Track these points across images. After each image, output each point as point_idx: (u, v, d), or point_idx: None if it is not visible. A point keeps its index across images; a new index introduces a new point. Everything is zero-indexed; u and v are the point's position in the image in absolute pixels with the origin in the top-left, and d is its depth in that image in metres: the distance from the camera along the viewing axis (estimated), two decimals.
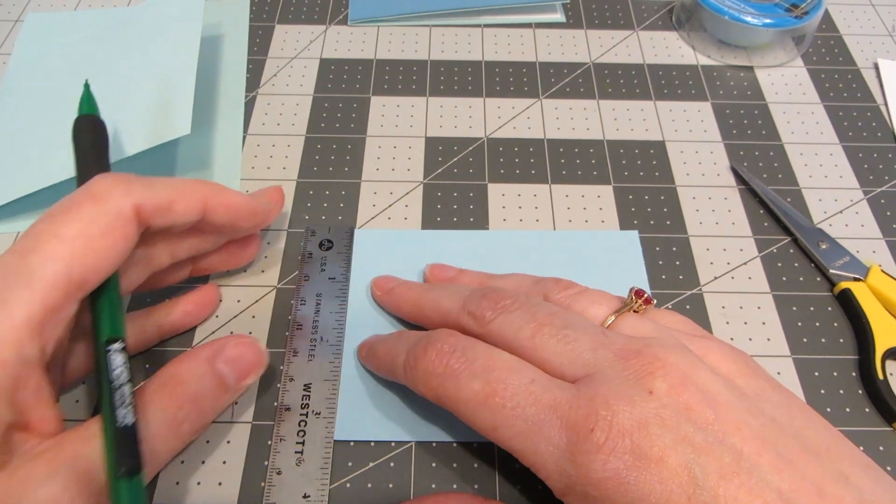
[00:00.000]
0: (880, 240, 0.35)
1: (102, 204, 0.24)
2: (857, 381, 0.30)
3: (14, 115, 0.38)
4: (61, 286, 0.22)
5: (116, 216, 0.24)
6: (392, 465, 0.28)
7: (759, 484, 0.19)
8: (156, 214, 0.25)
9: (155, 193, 0.25)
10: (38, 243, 0.22)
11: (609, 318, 0.25)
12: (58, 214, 0.23)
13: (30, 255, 0.22)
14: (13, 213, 0.35)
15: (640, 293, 0.26)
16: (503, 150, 0.39)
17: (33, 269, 0.22)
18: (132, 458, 0.22)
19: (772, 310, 0.33)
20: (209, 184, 0.27)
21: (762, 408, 0.22)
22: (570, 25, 0.46)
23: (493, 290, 0.27)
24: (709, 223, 0.36)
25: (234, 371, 0.26)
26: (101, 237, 0.23)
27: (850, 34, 0.46)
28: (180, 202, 0.26)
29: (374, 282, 0.32)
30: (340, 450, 0.28)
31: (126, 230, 0.24)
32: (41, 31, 0.44)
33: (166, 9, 0.41)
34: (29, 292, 0.22)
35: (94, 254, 0.23)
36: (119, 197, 0.24)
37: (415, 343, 0.26)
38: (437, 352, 0.24)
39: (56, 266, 0.22)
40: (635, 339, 0.23)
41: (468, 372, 0.23)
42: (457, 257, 0.33)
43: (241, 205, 0.28)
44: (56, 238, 0.22)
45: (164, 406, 0.24)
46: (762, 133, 0.40)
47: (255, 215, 0.29)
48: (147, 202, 0.25)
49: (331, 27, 0.46)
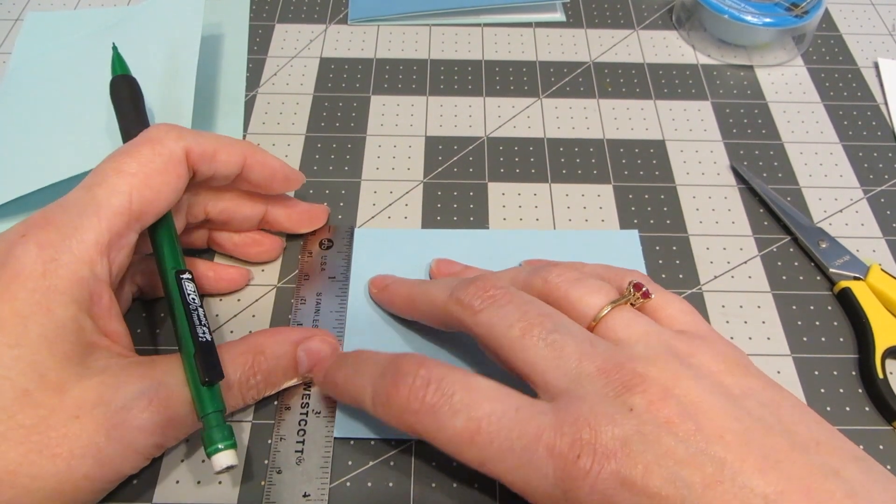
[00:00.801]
0: (880, 239, 0.35)
1: (158, 146, 0.27)
2: (856, 380, 0.31)
3: (14, 115, 0.38)
4: (124, 215, 0.25)
5: (170, 157, 0.27)
6: (392, 463, 0.28)
7: (743, 490, 0.19)
8: (202, 160, 0.28)
9: (203, 141, 0.28)
10: (103, 178, 0.25)
11: (604, 309, 0.25)
12: (120, 155, 0.26)
13: (96, 188, 0.25)
14: (13, 213, 0.35)
15: (638, 286, 0.25)
16: (503, 150, 0.39)
17: (99, 200, 0.25)
18: (213, 368, 0.25)
19: (772, 309, 0.33)
20: (249, 143, 0.30)
21: (749, 407, 0.22)
22: (570, 25, 0.46)
23: (482, 277, 0.27)
24: (709, 222, 0.36)
25: (310, 360, 0.28)
26: (157, 174, 0.26)
27: (850, 33, 0.46)
28: (223, 153, 0.28)
29: (370, 280, 0.32)
30: (340, 448, 0.28)
31: (178, 170, 0.27)
32: (41, 31, 0.44)
33: (166, 8, 0.41)
34: (97, 219, 0.25)
35: (151, 189, 0.26)
36: (173, 141, 0.27)
37: (380, 375, 0.24)
38: (409, 387, 0.23)
39: (120, 198, 0.25)
40: (619, 350, 0.23)
41: (448, 408, 0.23)
42: (457, 256, 0.33)
43: (277, 167, 0.31)
44: (119, 173, 0.26)
45: (243, 369, 0.27)
46: (762, 132, 0.40)
47: (289, 181, 0.31)
48: (195, 148, 0.27)
49: (331, 26, 0.46)
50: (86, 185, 0.26)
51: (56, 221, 0.24)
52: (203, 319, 0.26)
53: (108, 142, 0.35)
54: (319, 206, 0.35)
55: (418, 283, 0.30)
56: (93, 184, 0.26)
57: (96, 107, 0.36)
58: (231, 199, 0.31)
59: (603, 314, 0.25)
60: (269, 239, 0.33)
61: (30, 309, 0.23)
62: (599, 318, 0.25)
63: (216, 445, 0.24)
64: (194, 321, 0.26)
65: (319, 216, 0.34)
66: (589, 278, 0.26)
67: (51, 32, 0.44)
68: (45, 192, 0.33)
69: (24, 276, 0.23)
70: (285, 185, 0.32)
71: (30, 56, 0.42)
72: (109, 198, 0.25)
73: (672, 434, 0.21)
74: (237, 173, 0.29)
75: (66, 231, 0.24)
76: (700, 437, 0.21)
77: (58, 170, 0.33)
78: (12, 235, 0.24)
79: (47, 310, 0.23)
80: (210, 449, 0.24)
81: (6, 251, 0.24)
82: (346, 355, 0.28)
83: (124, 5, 0.47)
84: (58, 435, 0.22)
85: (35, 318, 0.23)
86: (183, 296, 0.26)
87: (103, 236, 0.24)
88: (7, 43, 0.44)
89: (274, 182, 0.31)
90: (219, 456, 0.24)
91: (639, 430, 0.21)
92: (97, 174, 0.26)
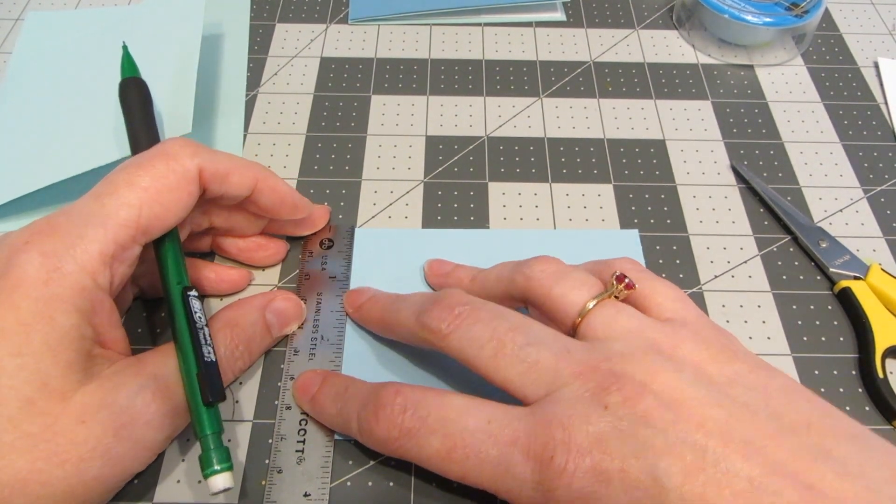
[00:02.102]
0: (880, 238, 0.35)
1: (173, 162, 0.26)
2: (857, 379, 0.31)
3: (14, 115, 0.38)
4: (130, 228, 0.25)
5: (183, 174, 0.26)
6: (392, 463, 0.28)
7: (727, 475, 0.19)
8: (214, 180, 0.28)
9: (217, 161, 0.28)
10: (114, 189, 0.25)
11: (589, 304, 0.24)
12: (133, 167, 0.26)
13: (106, 198, 0.25)
14: (13, 212, 0.35)
15: (620, 278, 0.25)
16: (503, 149, 0.39)
17: (108, 211, 0.25)
18: (217, 389, 0.25)
19: (772, 308, 0.33)
20: (262, 166, 0.30)
21: (734, 394, 0.22)
22: (571, 24, 0.46)
23: (445, 295, 0.26)
24: (709, 222, 0.36)
25: (279, 321, 0.30)
26: (168, 191, 0.26)
27: (851, 33, 0.46)
28: (236, 175, 0.28)
29: (345, 297, 0.32)
30: (341, 448, 0.28)
31: (190, 188, 0.27)
32: (41, 31, 0.44)
33: (167, 7, 0.41)
34: (103, 230, 0.24)
35: (161, 205, 0.26)
36: (188, 158, 0.27)
37: (362, 407, 0.25)
38: (387, 416, 0.24)
39: (128, 211, 0.25)
40: (597, 351, 0.23)
41: (425, 429, 0.23)
42: (457, 256, 0.33)
43: (287, 193, 0.31)
44: (130, 186, 0.25)
45: (225, 343, 0.28)
46: (762, 132, 0.40)
47: (297, 209, 0.31)
48: (209, 167, 0.27)
49: (331, 26, 0.46)
50: (95, 193, 0.26)
51: (61, 230, 0.24)
52: (208, 339, 0.26)
53: (108, 141, 0.35)
54: (321, 207, 0.35)
55: (390, 303, 0.29)
56: (102, 193, 0.25)
57: (96, 106, 0.36)
58: (237, 211, 0.31)
59: (588, 309, 0.24)
60: (274, 243, 0.33)
61: (32, 318, 0.23)
62: (584, 314, 0.24)
63: (213, 468, 0.24)
64: (199, 340, 0.26)
65: (321, 217, 0.34)
66: (573, 272, 0.26)
67: (51, 32, 0.44)
68: (45, 192, 0.33)
69: (27, 284, 0.23)
70: (292, 213, 0.31)
71: (30, 56, 0.42)
72: (118, 210, 0.25)
73: (649, 426, 0.21)
74: (247, 196, 0.29)
75: (71, 240, 0.24)
76: (679, 427, 0.20)
77: (58, 170, 0.33)
78: (16, 241, 0.24)
79: (50, 318, 0.23)
80: (207, 472, 0.24)
81: (8, 259, 0.23)
82: (330, 384, 0.28)
83: (125, 5, 0.47)
84: (65, 441, 0.22)
85: (38, 327, 0.23)
86: (189, 314, 0.26)
87: (108, 247, 0.24)
88: (7, 43, 0.44)
89: (282, 209, 0.31)
90: (216, 478, 0.24)
91: (615, 426, 0.21)
92: (108, 184, 0.26)
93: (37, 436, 0.22)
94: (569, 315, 0.25)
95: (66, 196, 0.35)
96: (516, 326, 0.24)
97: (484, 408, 0.23)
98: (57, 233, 0.24)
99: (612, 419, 0.21)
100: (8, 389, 0.22)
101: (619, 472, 0.20)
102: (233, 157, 0.29)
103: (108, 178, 0.26)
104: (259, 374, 0.30)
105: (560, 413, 0.21)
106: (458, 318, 0.25)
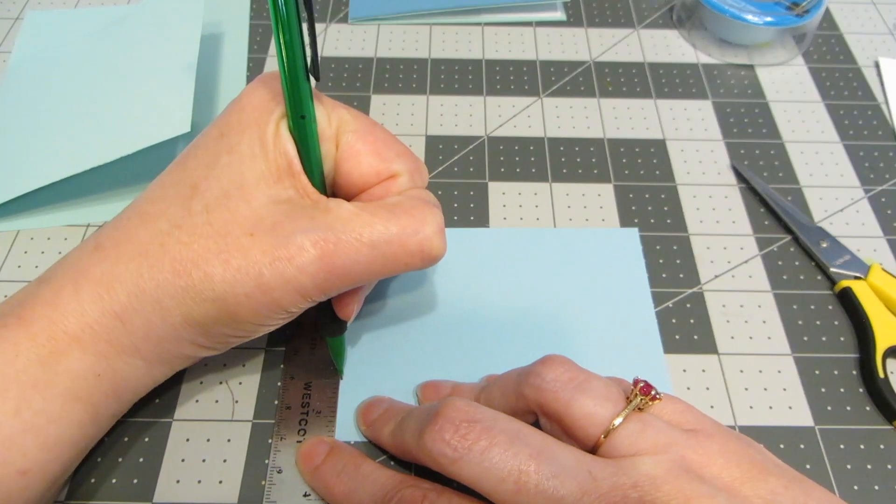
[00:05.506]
0: (881, 238, 0.35)
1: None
2: (857, 379, 0.30)
3: (14, 114, 0.38)
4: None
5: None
6: (392, 464, 0.28)
7: None
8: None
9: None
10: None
11: (615, 421, 0.22)
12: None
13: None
14: (13, 212, 0.35)
15: (645, 390, 0.23)
16: (503, 149, 0.39)
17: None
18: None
19: (772, 308, 0.33)
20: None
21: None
22: (571, 24, 0.46)
23: (445, 407, 0.23)
24: (709, 222, 0.36)
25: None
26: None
27: (851, 32, 0.46)
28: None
29: (359, 411, 0.29)
30: None
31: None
32: (41, 29, 0.44)
33: (166, 7, 0.40)
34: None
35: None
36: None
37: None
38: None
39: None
40: (625, 473, 0.21)
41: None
42: (457, 255, 0.33)
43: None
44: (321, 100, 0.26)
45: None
46: (763, 131, 0.40)
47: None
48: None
49: (331, 25, 0.46)
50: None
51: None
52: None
53: (107, 140, 0.35)
54: None
55: (400, 422, 0.26)
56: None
57: (96, 106, 0.36)
58: None
59: (613, 427, 0.22)
60: None
61: (249, 123, 0.25)
62: (608, 432, 0.22)
63: None
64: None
65: None
66: (591, 382, 0.23)
67: (51, 31, 0.44)
68: (45, 191, 0.33)
69: (255, 103, 0.25)
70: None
71: (30, 55, 0.42)
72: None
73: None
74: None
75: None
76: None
77: (57, 168, 0.33)
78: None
79: (259, 125, 0.24)
80: None
81: (240, 94, 0.26)
82: (343, 460, 0.26)
83: (124, 4, 0.47)
84: (233, 243, 0.23)
85: (250, 132, 0.24)
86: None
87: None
88: (7, 42, 0.44)
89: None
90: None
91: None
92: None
93: (216, 228, 0.23)
94: (590, 434, 0.23)
95: (67, 196, 0.35)
96: (539, 452, 0.22)
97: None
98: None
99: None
100: (213, 181, 0.24)
101: None
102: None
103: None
104: (259, 374, 0.30)
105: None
106: (466, 438, 0.22)
